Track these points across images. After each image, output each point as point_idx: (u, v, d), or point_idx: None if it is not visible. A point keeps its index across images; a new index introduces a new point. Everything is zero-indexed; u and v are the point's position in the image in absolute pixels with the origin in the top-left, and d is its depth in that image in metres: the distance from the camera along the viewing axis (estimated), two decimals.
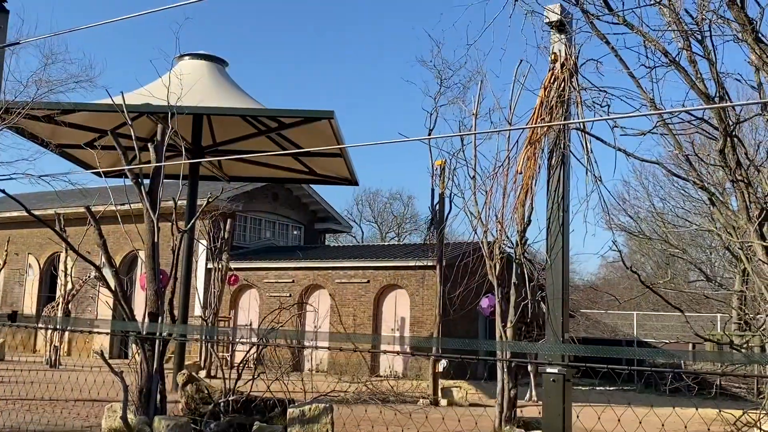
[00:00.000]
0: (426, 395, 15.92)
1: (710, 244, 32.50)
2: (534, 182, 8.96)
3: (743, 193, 6.10)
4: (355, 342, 15.20)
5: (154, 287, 10.43)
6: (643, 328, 33.34)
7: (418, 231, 54.06)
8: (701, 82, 6.27)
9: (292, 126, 16.91)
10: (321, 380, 17.69)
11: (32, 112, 14.42)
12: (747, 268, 6.88)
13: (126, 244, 24.54)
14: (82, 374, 13.33)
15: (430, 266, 19.82)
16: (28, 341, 29.47)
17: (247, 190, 28.82)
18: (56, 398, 12.32)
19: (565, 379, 7.34)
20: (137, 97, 15.70)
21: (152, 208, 10.56)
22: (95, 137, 17.26)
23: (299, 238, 33.16)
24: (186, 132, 17.28)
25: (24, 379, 16.27)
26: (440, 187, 16.37)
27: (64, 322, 21.33)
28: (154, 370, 9.91)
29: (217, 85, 17.96)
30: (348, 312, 23.91)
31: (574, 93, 7.94)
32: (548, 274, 8.05)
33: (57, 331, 22.78)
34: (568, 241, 8.07)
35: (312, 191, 32.55)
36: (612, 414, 6.18)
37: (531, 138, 8.25)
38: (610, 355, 4.86)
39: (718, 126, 6.06)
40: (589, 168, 7.93)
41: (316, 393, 12.58)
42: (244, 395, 10.41)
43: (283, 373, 11.84)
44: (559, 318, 7.69)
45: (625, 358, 4.16)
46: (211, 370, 20.04)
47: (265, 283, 25.98)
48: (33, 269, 31.22)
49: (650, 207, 29.35)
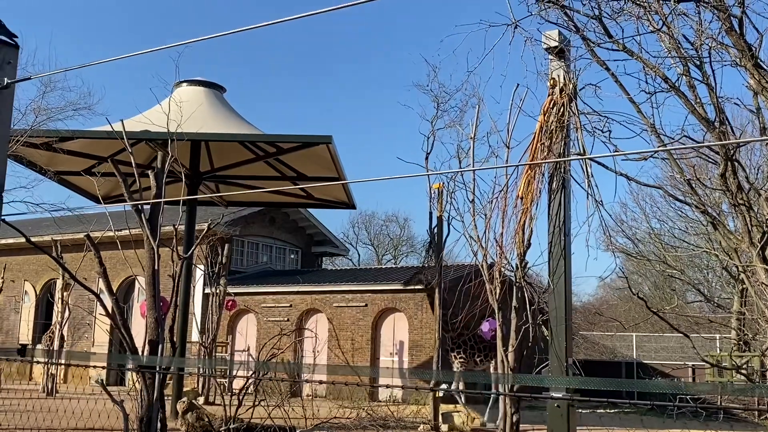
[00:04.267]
0: (427, 420, 15.82)
1: (707, 264, 32.56)
2: (535, 206, 8.99)
3: (745, 216, 6.12)
4: (355, 370, 15.15)
5: (154, 314, 10.38)
6: (642, 349, 33.27)
7: (414, 253, 54.05)
8: (701, 107, 6.32)
9: (291, 151, 16.95)
10: (320, 406, 17.59)
11: (30, 140, 14.45)
12: (750, 291, 6.89)
13: (123, 269, 24.48)
14: (80, 402, 13.24)
15: (429, 289, 19.79)
16: (24, 370, 29.25)
17: (244, 215, 28.81)
18: (54, 427, 12.21)
19: (569, 405, 7.31)
20: (136, 123, 15.73)
21: (152, 236, 10.54)
22: (93, 164, 17.27)
23: (296, 261, 33.11)
24: (184, 158, 17.31)
25: (20, 407, 16.13)
26: (438, 210, 16.40)
27: (64, 356, 21.23)
28: (154, 398, 9.83)
29: (215, 111, 18.02)
30: (346, 336, 23.81)
31: (573, 118, 7.98)
32: (551, 299, 8.04)
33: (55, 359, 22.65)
34: (570, 265, 8.07)
35: (309, 215, 32.55)
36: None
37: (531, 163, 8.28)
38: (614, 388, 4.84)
39: (718, 150, 6.09)
40: (590, 192, 7.96)
41: (317, 420, 12.51)
42: (245, 423, 10.34)
43: (283, 400, 11.77)
44: (563, 342, 7.67)
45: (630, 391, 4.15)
46: (209, 397, 19.90)
47: (262, 308, 25.89)
48: (29, 296, 31.08)
49: (648, 228, 29.44)
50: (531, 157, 8.42)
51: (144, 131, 14.56)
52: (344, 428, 13.60)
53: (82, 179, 18.17)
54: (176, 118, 13.29)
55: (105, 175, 14.10)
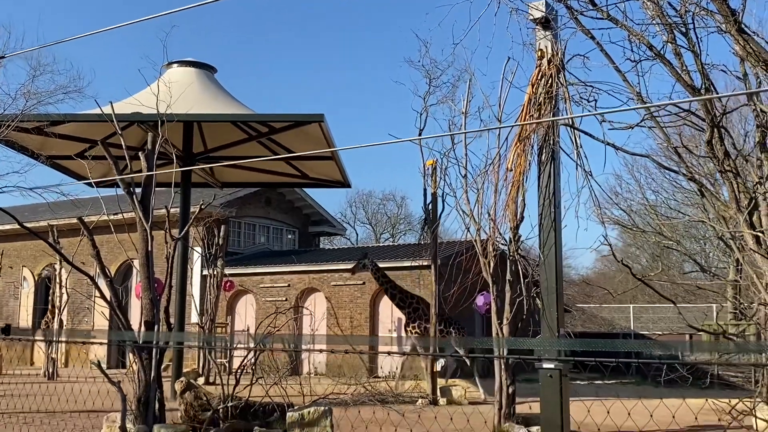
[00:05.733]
0: (425, 395, 15.93)
1: (704, 234, 32.64)
2: (525, 179, 9.01)
3: (732, 183, 6.14)
4: (353, 344, 15.23)
5: (149, 296, 10.43)
6: (640, 320, 33.43)
7: (412, 231, 54.09)
8: (687, 75, 6.31)
9: (283, 130, 16.91)
10: (320, 383, 17.70)
11: (22, 125, 14.40)
12: (739, 258, 6.92)
13: (120, 253, 24.50)
14: (80, 385, 13.31)
15: (425, 266, 19.84)
16: (23, 354, 29.38)
17: (239, 196, 28.79)
18: (54, 410, 12.28)
19: (562, 374, 7.38)
20: (127, 106, 15.67)
21: (145, 217, 10.55)
22: (86, 147, 17.22)
23: (294, 242, 33.15)
24: (177, 140, 17.26)
25: (21, 392, 16.22)
26: (432, 186, 16.39)
27: (60, 333, 21.29)
28: (151, 378, 9.90)
29: (206, 91, 17.94)
30: (345, 314, 23.90)
31: (561, 89, 7.98)
32: (542, 270, 8.10)
33: (53, 343, 22.74)
34: (561, 236, 8.12)
35: (305, 195, 32.54)
36: (612, 407, 6.20)
37: (520, 135, 8.29)
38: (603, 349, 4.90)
39: (705, 117, 6.09)
40: (579, 163, 7.98)
41: (315, 396, 12.59)
42: (242, 401, 10.40)
43: (281, 378, 11.84)
44: (554, 313, 7.74)
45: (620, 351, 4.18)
46: (210, 377, 20.01)
47: (260, 288, 25.96)
48: (28, 282, 31.13)
49: (643, 200, 29.47)
50: (520, 129, 8.43)
51: (135, 113, 14.51)
52: (343, 404, 13.69)
53: (76, 163, 18.14)
54: (167, 99, 13.25)
55: (99, 159, 14.09)
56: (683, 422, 10.96)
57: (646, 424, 7.14)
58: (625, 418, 6.65)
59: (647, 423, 7.16)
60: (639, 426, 7.18)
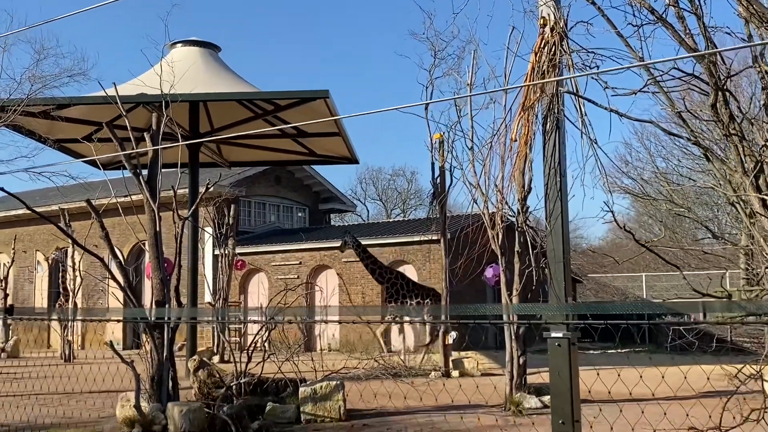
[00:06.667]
0: (437, 368, 16.01)
1: (716, 201, 32.42)
2: (530, 149, 8.95)
3: (737, 146, 6.08)
4: (364, 315, 15.35)
5: (159, 276, 10.50)
6: (653, 289, 33.38)
7: (423, 206, 54.07)
8: (690, 38, 6.22)
9: (288, 108, 16.87)
10: (333, 359, 17.82)
11: (28, 109, 14.43)
12: (746, 222, 6.87)
13: (132, 236, 24.66)
14: (96, 366, 13.46)
15: (435, 240, 19.86)
16: (40, 337, 29.72)
17: (249, 175, 28.84)
18: (71, 391, 12.44)
19: (570, 343, 7.37)
20: (132, 87, 15.67)
21: (152, 197, 10.59)
22: (93, 130, 17.25)
23: (304, 219, 33.22)
24: (184, 120, 17.26)
25: (38, 374, 16.44)
26: (440, 160, 16.35)
27: (74, 313, 21.52)
28: (164, 357, 9.99)
29: (210, 70, 17.89)
30: (356, 290, 23.99)
31: (565, 57, 7.89)
32: (549, 240, 8.05)
33: (69, 326, 22.99)
34: (567, 204, 8.06)
35: (314, 172, 32.55)
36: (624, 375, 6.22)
37: (524, 104, 8.21)
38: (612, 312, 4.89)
39: (708, 81, 6.02)
40: (584, 131, 7.90)
41: (327, 371, 12.68)
42: (255, 377, 10.50)
43: (293, 353, 11.94)
44: (561, 282, 7.69)
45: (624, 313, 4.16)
46: (224, 356, 20.18)
47: (272, 267, 26.08)
48: (42, 266, 31.40)
49: (653, 168, 29.26)
50: (524, 98, 8.35)
51: (140, 94, 14.50)
52: (355, 378, 13.78)
53: (84, 146, 18.19)
54: (171, 80, 13.24)
55: (106, 141, 14.11)
56: (695, 388, 10.98)
57: (657, 387, 7.16)
58: (636, 382, 6.66)
59: (657, 387, 7.17)
60: (650, 392, 7.20)
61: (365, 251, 18.97)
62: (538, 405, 10.77)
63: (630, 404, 7.94)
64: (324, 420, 9.97)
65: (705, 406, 6.26)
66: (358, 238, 19.67)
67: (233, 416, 9.17)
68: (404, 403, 10.88)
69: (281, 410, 10.06)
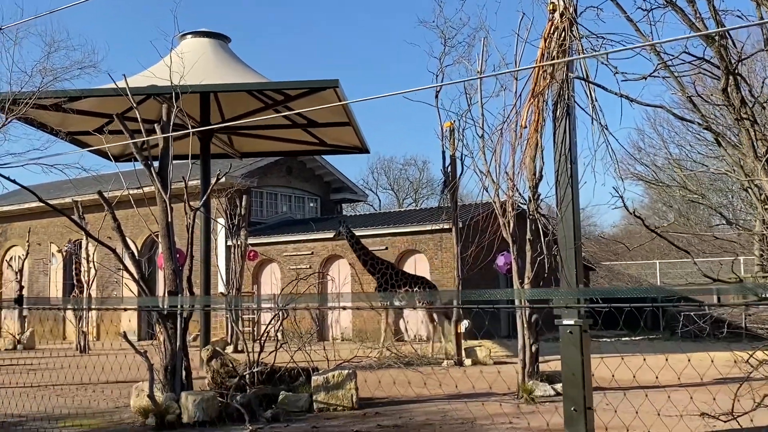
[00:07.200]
0: (450, 356, 16.02)
1: (730, 187, 32.19)
2: (540, 135, 8.91)
3: (749, 131, 6.03)
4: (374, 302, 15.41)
5: (171, 266, 10.54)
6: (667, 276, 33.24)
7: (435, 195, 53.99)
8: (701, 22, 6.17)
9: (298, 98, 16.85)
10: (345, 348, 17.88)
11: (39, 102, 14.50)
12: (759, 208, 6.82)
13: (145, 228, 24.77)
14: (111, 357, 13.57)
15: (447, 229, 19.86)
16: (55, 328, 29.97)
17: (260, 166, 28.90)
18: (86, 382, 12.55)
19: (582, 330, 7.35)
20: (143, 79, 15.69)
21: (163, 188, 10.63)
22: (104, 122, 17.31)
23: (316, 210, 33.28)
24: (195, 111, 17.28)
25: (54, 365, 16.59)
26: (450, 149, 16.30)
27: (87, 303, 21.71)
28: (177, 347, 10.05)
29: (220, 61, 17.89)
30: (369, 279, 23.97)
31: (575, 42, 7.84)
32: (560, 227, 8.02)
33: (84, 317, 23.17)
34: (578, 192, 8.03)
35: (325, 162, 32.57)
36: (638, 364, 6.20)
37: (534, 90, 8.17)
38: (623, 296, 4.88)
39: (719, 65, 5.97)
40: (594, 117, 7.86)
41: (340, 360, 12.73)
42: (268, 367, 10.55)
43: (305, 343, 11.99)
44: (573, 269, 7.67)
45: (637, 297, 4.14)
46: (238, 346, 20.28)
47: (284, 257, 26.15)
48: (56, 258, 31.63)
49: (666, 154, 29.07)
50: (534, 84, 8.31)
51: (150, 86, 14.53)
52: (368, 367, 13.83)
53: (96, 138, 18.27)
54: (182, 71, 13.25)
55: (117, 133, 14.17)
56: (708, 376, 10.95)
57: (680, 372, 7.13)
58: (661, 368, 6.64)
59: (681, 371, 7.15)
60: (664, 380, 7.18)
61: (358, 242, 19.16)
62: (550, 393, 10.77)
63: (650, 391, 7.92)
64: (336, 408, 10.01)
65: (717, 393, 6.24)
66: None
67: (246, 405, 9.22)
68: (416, 392, 10.91)
69: (294, 399, 10.11)
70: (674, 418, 7.23)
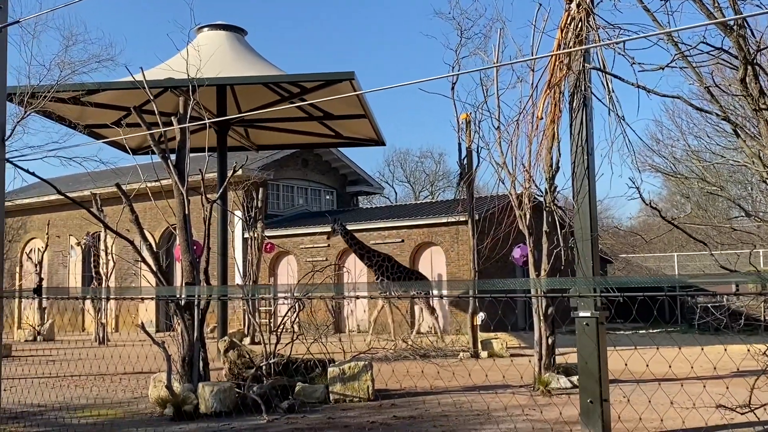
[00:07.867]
0: (466, 348, 16.03)
1: (749, 179, 31.87)
2: (557, 127, 8.87)
3: (767, 121, 5.97)
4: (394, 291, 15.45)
5: (188, 258, 10.62)
6: (686, 269, 32.97)
7: (451, 188, 53.94)
8: (719, 11, 6.11)
9: (314, 90, 16.88)
10: (361, 340, 17.93)
11: (58, 95, 14.61)
12: None
13: (163, 220, 24.96)
14: (129, 348, 13.70)
15: (463, 221, 19.84)
16: (75, 320, 30.26)
17: (276, 158, 28.98)
18: (105, 373, 12.68)
19: (598, 322, 7.33)
20: (160, 72, 15.78)
21: (180, 181, 10.69)
22: (122, 115, 17.43)
23: (332, 202, 33.34)
24: (211, 104, 17.36)
25: (73, 356, 16.77)
26: (467, 141, 16.26)
27: (105, 292, 21.91)
28: (194, 338, 10.13)
29: (237, 54, 17.95)
30: None
31: (592, 33, 7.79)
32: (576, 218, 7.99)
33: (103, 309, 23.37)
34: (594, 183, 7.99)
35: (341, 155, 32.60)
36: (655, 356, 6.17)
37: (550, 81, 8.13)
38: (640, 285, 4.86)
39: (737, 55, 5.91)
40: (611, 108, 7.81)
41: (356, 352, 12.77)
42: (284, 358, 10.60)
43: (322, 334, 12.03)
44: (589, 260, 7.65)
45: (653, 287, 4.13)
46: (255, 337, 20.40)
47: (301, 249, 26.24)
48: (75, 250, 31.91)
49: (685, 146, 28.79)
50: (550, 75, 8.28)
51: (167, 79, 14.61)
52: (384, 359, 13.86)
53: (114, 131, 18.40)
54: (198, 64, 13.31)
55: (135, 126, 14.25)
56: (725, 369, 10.89)
57: (695, 366, 7.11)
58: (675, 360, 6.62)
59: (697, 365, 7.12)
60: (682, 374, 7.14)
61: (353, 237, 19.53)
62: (566, 385, 10.75)
63: (666, 384, 7.89)
64: (352, 400, 10.05)
65: (734, 385, 6.21)
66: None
67: (263, 396, 9.28)
68: (432, 383, 10.93)
69: (310, 390, 10.15)
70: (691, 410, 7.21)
